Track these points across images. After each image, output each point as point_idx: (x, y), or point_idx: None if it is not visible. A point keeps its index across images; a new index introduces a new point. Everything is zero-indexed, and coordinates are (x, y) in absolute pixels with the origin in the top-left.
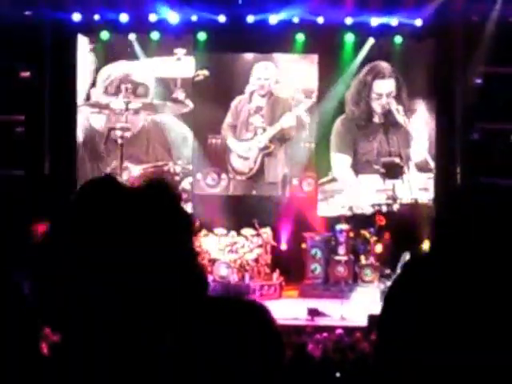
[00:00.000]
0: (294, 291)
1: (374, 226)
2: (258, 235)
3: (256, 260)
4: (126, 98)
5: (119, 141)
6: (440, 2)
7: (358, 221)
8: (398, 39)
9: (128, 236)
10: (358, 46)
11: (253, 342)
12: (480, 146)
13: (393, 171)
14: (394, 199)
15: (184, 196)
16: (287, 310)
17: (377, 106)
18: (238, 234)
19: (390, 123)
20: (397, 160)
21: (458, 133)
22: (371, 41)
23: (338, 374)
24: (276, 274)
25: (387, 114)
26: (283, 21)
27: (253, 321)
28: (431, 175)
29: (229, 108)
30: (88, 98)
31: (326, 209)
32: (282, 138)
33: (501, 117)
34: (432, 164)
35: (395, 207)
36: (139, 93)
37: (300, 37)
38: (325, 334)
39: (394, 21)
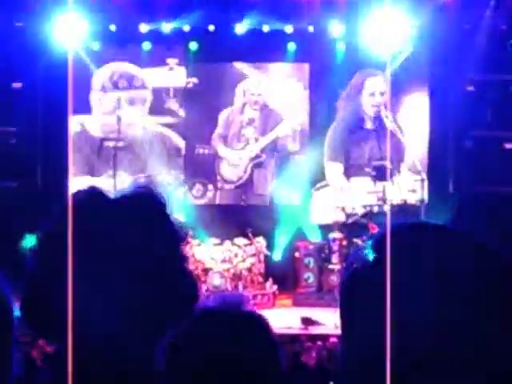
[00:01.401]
0: (287, 300)
1: (367, 234)
2: (252, 244)
3: (249, 269)
4: (124, 91)
5: (112, 151)
6: (432, 10)
7: (351, 229)
8: (391, 47)
9: (115, 245)
10: (349, 54)
11: (251, 350)
12: (473, 154)
13: (383, 174)
14: (384, 200)
15: (177, 205)
16: (281, 318)
17: (369, 108)
18: (232, 243)
19: (380, 128)
20: (387, 164)
21: (450, 140)
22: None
23: (331, 383)
24: (269, 283)
25: (378, 118)
26: (274, 30)
27: (250, 330)
28: (419, 177)
29: (219, 119)
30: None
31: (320, 213)
32: (274, 148)
33: (493, 124)
34: (419, 167)
35: (385, 208)
36: (138, 96)
37: (291, 46)
38: (319, 343)
39: (386, 29)
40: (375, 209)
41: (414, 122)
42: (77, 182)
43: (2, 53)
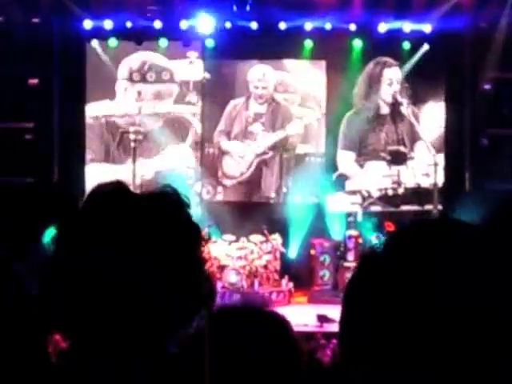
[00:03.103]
0: (303, 297)
1: (383, 231)
2: (267, 241)
3: (265, 266)
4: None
5: (132, 144)
6: (449, 8)
7: (367, 227)
8: (407, 45)
9: (135, 243)
10: (366, 51)
11: (270, 351)
12: (489, 152)
13: (398, 158)
14: (399, 184)
15: (196, 199)
16: (296, 316)
17: (386, 95)
18: (248, 240)
19: (396, 114)
20: (402, 148)
21: (467, 138)
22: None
23: None
24: (285, 281)
25: (394, 104)
26: (291, 27)
27: (271, 330)
28: (432, 161)
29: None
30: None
31: (336, 200)
32: (284, 147)
33: (510, 122)
34: (432, 151)
35: (400, 191)
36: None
37: (308, 43)
38: (334, 341)
39: (402, 26)
40: (390, 192)
41: (427, 116)
42: (97, 170)
43: (18, 49)
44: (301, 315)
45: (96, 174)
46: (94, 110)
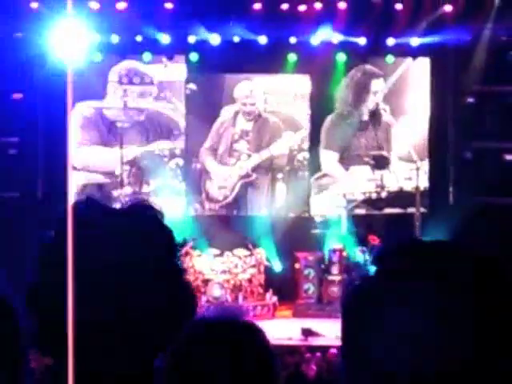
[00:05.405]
0: (287, 311)
1: (367, 245)
2: (252, 255)
3: (249, 280)
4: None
5: (119, 131)
6: (432, 22)
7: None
8: (390, 59)
9: (111, 258)
10: (350, 65)
11: (247, 363)
12: (472, 165)
13: (381, 163)
14: (382, 187)
15: (170, 174)
16: (281, 330)
17: (371, 104)
18: (232, 254)
19: (378, 120)
20: (384, 153)
21: (450, 151)
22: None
23: None
24: (269, 294)
25: (376, 111)
26: (275, 41)
27: (247, 341)
28: (414, 166)
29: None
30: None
31: (320, 202)
32: (269, 168)
33: (493, 135)
34: (415, 157)
35: (383, 194)
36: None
37: (292, 57)
38: (318, 354)
39: (386, 40)
40: (373, 195)
41: (412, 121)
42: (91, 153)
43: (1, 63)
44: (285, 329)
45: (91, 155)
46: (86, 106)
